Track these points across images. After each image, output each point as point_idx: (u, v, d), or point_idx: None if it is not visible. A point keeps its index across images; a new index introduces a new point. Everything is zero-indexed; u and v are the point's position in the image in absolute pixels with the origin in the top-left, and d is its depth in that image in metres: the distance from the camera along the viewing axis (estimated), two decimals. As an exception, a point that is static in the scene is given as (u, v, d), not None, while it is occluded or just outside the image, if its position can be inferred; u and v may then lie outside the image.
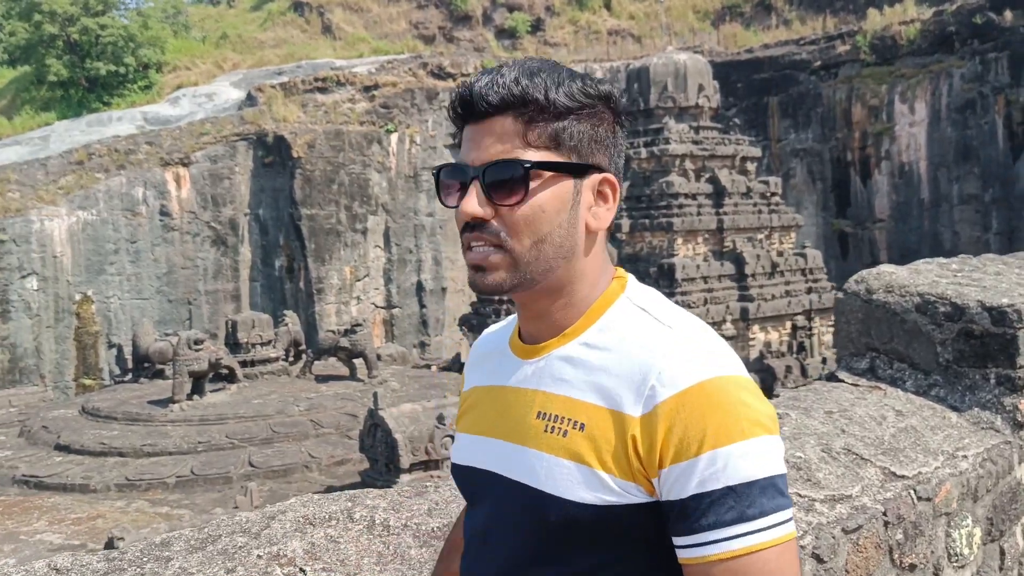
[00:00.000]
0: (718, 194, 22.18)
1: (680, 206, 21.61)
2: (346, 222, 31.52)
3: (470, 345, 20.94)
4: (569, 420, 1.22)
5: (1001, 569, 2.56)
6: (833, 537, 1.98)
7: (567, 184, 1.26)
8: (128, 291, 28.56)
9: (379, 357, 19.14)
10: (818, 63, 33.33)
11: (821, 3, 37.73)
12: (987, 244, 29.37)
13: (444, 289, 33.90)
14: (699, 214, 21.75)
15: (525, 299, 1.32)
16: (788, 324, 22.39)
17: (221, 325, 28.68)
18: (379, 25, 39.06)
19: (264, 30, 38.78)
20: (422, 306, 33.64)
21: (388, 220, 32.84)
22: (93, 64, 33.31)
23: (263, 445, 14.51)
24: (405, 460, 11.98)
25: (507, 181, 1.23)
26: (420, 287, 33.52)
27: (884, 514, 2.12)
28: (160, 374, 19.59)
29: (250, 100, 32.34)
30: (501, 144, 1.24)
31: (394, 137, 32.90)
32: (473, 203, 1.24)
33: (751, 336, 21.61)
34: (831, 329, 23.66)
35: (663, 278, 21.19)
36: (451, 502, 1.99)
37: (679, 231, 21.36)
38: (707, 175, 22.61)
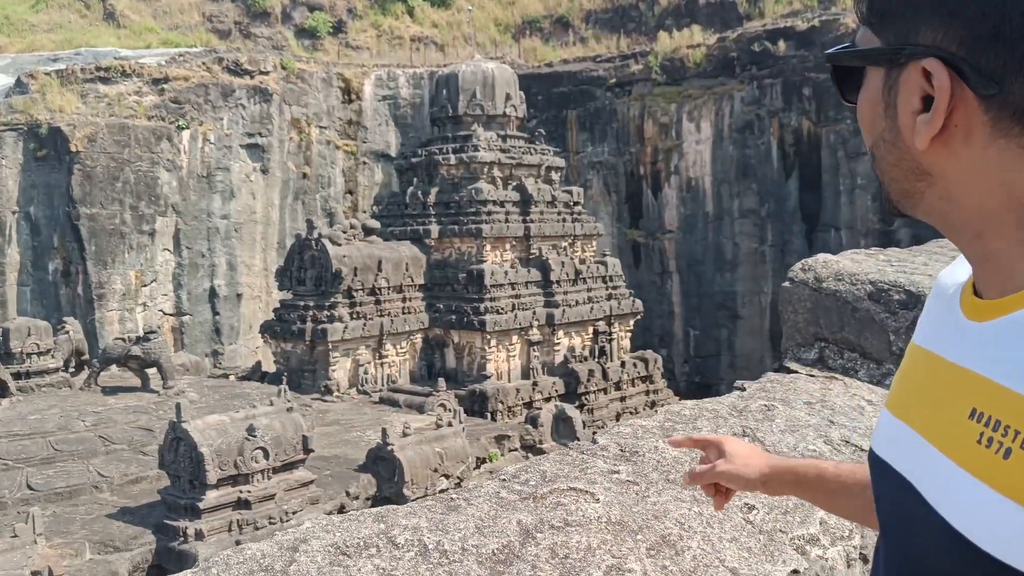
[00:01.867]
0: (525, 202, 22.58)
1: (488, 213, 21.80)
2: (131, 223, 29.37)
3: (272, 354, 20.03)
4: (1013, 431, 0.79)
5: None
6: (872, 535, 1.84)
7: (876, 77, 0.91)
8: None
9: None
10: (613, 80, 34.84)
11: (615, 24, 39.51)
12: (763, 255, 31.87)
13: (239, 295, 32.39)
14: (507, 221, 22.04)
15: (942, 231, 0.95)
16: (590, 329, 23.14)
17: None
18: (169, 16, 36.81)
19: (36, 12, 35.48)
20: (215, 313, 31.96)
21: (179, 222, 30.96)
22: None
23: (43, 465, 13.10)
24: (212, 475, 11.20)
25: (833, 77, 0.98)
26: (213, 293, 31.83)
27: None
28: (-87, 389, 17.27)
29: (19, 87, 29.42)
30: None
31: (186, 134, 31.08)
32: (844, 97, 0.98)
33: (556, 341, 22.14)
34: (629, 334, 24.77)
35: (472, 284, 21.28)
36: (496, 516, 1.67)
37: (488, 237, 21.53)
38: (514, 183, 22.97)
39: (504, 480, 1.77)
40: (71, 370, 18.09)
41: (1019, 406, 0.79)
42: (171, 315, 30.64)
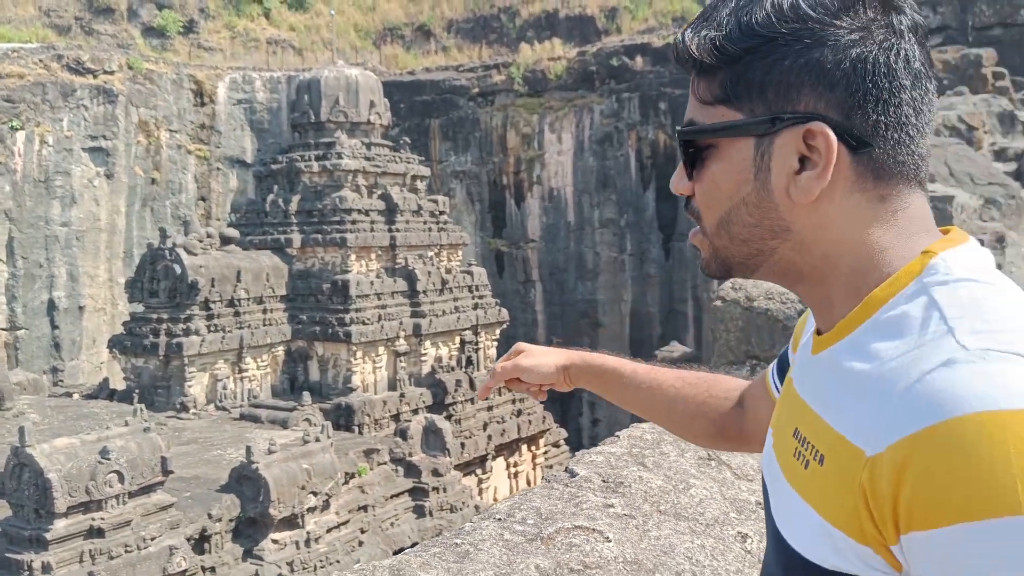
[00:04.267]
0: (390, 211, 22.28)
1: (353, 222, 21.36)
2: (-41, 230, 27.15)
3: (122, 369, 18.89)
4: (813, 447, 0.92)
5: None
6: None
7: (743, 147, 0.96)
8: None
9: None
10: (476, 90, 35.01)
11: (478, 34, 39.75)
12: (623, 264, 32.75)
13: (81, 308, 30.52)
14: (372, 230, 21.67)
15: (778, 283, 1.07)
16: (457, 339, 23.05)
17: None
18: (1, 9, 34.28)
19: None
20: (54, 327, 29.98)
21: (12, 229, 28.89)
22: None
23: None
24: (61, 503, 10.39)
25: (686, 153, 1.01)
26: (52, 305, 29.85)
27: None
28: None
29: None
30: (689, 107, 1.02)
31: (21, 135, 29.07)
32: (673, 180, 1.04)
33: (423, 351, 21.92)
34: (495, 342, 24.82)
35: (336, 295, 20.78)
36: (511, 563, 1.50)
37: (352, 247, 21.09)
38: (379, 192, 22.62)
39: (500, 519, 1.63)
40: None
41: (818, 426, 0.92)
42: (3, 330, 28.50)
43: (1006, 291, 0.89)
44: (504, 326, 24.97)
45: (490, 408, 22.64)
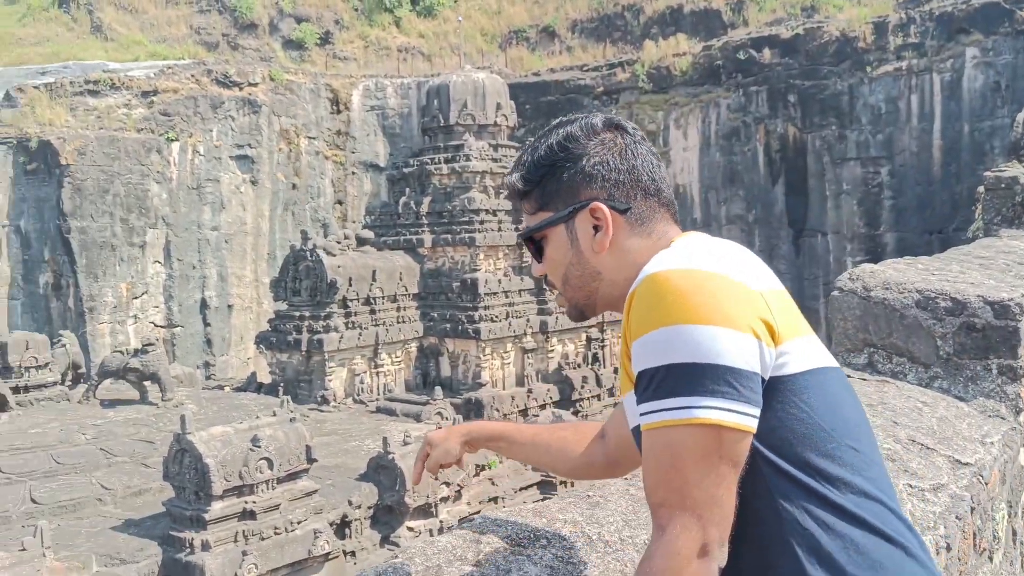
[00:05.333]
0: (516, 210, 22.72)
1: (482, 222, 21.96)
2: (122, 235, 29.37)
3: (268, 364, 20.00)
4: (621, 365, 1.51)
5: (1015, 548, 2.74)
6: (953, 525, 2.02)
7: (559, 231, 1.52)
8: None
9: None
10: (600, 89, 35.12)
11: (601, 33, 39.81)
12: (751, 260, 32.16)
13: (230, 306, 32.40)
14: (500, 230, 22.21)
15: (613, 310, 1.56)
16: (583, 336, 23.32)
17: (-25, 349, 25.75)
18: (156, 28, 36.81)
19: (23, 26, 35.41)
20: (206, 324, 31.96)
21: (169, 234, 30.97)
22: None
23: (46, 479, 13.13)
24: (218, 486, 11.28)
25: (530, 248, 1.58)
26: (204, 304, 31.83)
27: (971, 500, 2.19)
28: (-91, 405, 17.23)
29: (8, 101, 29.39)
30: (528, 216, 1.58)
31: (175, 146, 31.12)
32: (534, 268, 1.61)
33: (550, 348, 22.30)
34: (621, 340, 24.95)
35: (466, 293, 21.43)
36: (636, 511, 1.84)
37: (481, 246, 21.69)
38: (506, 192, 23.12)
39: (627, 478, 1.99)
40: (68, 383, 18.12)
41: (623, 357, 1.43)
42: (162, 327, 30.61)
43: (679, 249, 1.41)
44: (630, 323, 25.07)
45: (616, 405, 22.79)
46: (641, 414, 1.28)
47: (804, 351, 1.36)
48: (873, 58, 29.64)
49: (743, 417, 1.24)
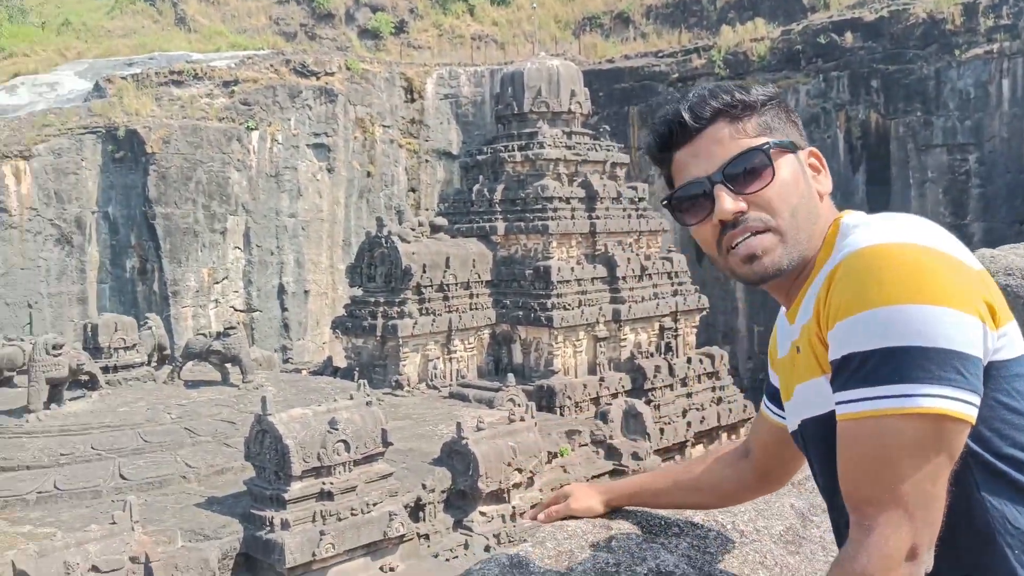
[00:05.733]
0: (591, 198, 22.64)
1: (555, 209, 21.91)
2: (204, 222, 30.18)
3: (344, 349, 20.33)
4: (793, 347, 1.45)
5: None
6: None
7: (793, 158, 1.43)
8: (-40, 294, 26.23)
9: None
10: (675, 75, 34.65)
11: (676, 18, 39.27)
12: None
13: (307, 292, 33.04)
14: (573, 217, 22.14)
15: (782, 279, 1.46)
16: (656, 325, 23.12)
17: (66, 329, 26.81)
18: (237, 19, 37.65)
19: (111, 19, 36.61)
20: (284, 309, 32.66)
21: (248, 220, 31.70)
22: (-84, 45, 30.44)
23: (134, 455, 13.60)
24: (297, 467, 11.52)
25: (753, 169, 1.39)
26: (282, 290, 32.53)
27: None
28: (7, 382, 18.02)
29: (98, 91, 30.42)
30: (726, 145, 1.40)
31: (255, 135, 31.80)
32: (727, 204, 1.38)
33: (622, 337, 22.17)
34: (695, 330, 24.67)
35: (539, 280, 21.43)
36: (770, 501, 1.81)
37: (554, 234, 21.65)
38: (579, 179, 23.04)
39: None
40: (154, 364, 18.72)
41: (798, 339, 1.40)
42: (241, 311, 31.39)
43: (883, 222, 1.33)
44: (704, 313, 24.77)
45: (689, 395, 22.59)
46: (844, 402, 1.19)
47: (1017, 335, 1.27)
48: (962, 41, 28.58)
49: (967, 406, 1.15)
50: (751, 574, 1.51)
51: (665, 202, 1.46)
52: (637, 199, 23.84)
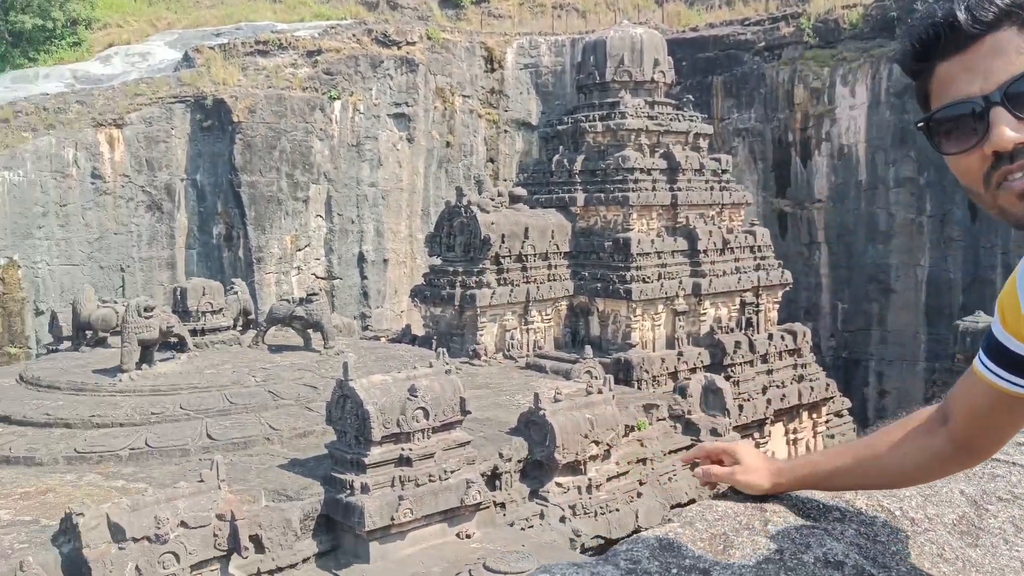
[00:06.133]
0: (672, 170, 22.24)
1: (636, 181, 21.59)
2: (287, 190, 30.72)
3: (422, 317, 20.53)
4: None
5: None
6: None
7: None
8: (57, 256, 27.30)
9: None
10: (762, 44, 33.68)
11: (764, -16, 38.10)
12: (920, 226, 30.32)
13: (386, 260, 33.41)
14: (654, 189, 21.79)
15: None
16: (737, 300, 22.68)
17: (156, 293, 27.71)
18: (321, -11, 37.97)
19: (200, -11, 37.33)
20: (363, 277, 33.12)
21: (330, 189, 32.13)
22: (18, 17, 31.54)
23: (220, 416, 13.98)
24: (377, 432, 11.66)
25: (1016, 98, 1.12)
26: (362, 258, 32.96)
27: None
28: (102, 342, 18.76)
29: (187, 61, 31.11)
30: (1011, 58, 1.13)
31: (337, 104, 32.13)
32: (1007, 131, 1.13)
33: (702, 311, 21.82)
34: (777, 305, 24.12)
35: (618, 252, 21.20)
36: (938, 488, 1.67)
37: (634, 206, 21.35)
38: (661, 151, 22.64)
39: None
40: (239, 328, 19.20)
41: None
42: (323, 278, 31.95)
43: None
44: (787, 288, 24.19)
45: (770, 372, 22.15)
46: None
47: None
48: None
49: None
50: (931, 568, 1.38)
51: (920, 124, 1.23)
52: (720, 171, 23.32)
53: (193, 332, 17.05)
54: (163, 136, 29.06)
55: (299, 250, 31.25)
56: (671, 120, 22.95)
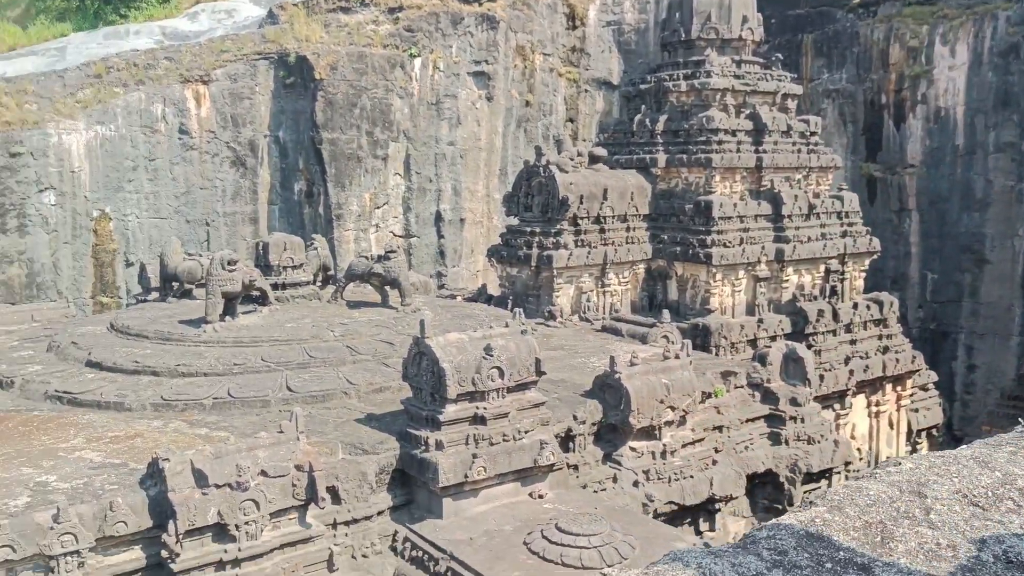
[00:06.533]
0: (758, 131, 21.58)
1: (719, 142, 21.03)
2: (367, 148, 30.89)
3: (498, 277, 20.53)
4: None
5: None
6: None
7: None
8: (146, 209, 28.09)
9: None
10: (856, 1, 32.31)
11: (861, -62, 36.41)
12: (1020, 194, 28.90)
13: (463, 220, 33.43)
14: (738, 151, 21.19)
15: None
16: (822, 267, 22.02)
17: (239, 247, 28.32)
18: (403, -56, 37.70)
19: (284, -55, 37.45)
20: (440, 236, 33.23)
21: (409, 147, 32.19)
22: (110, -26, 32.26)
23: (299, 369, 14.24)
24: (452, 390, 11.71)
25: None
26: (439, 217, 33.04)
27: None
28: (188, 294, 19.28)
29: (271, 18, 31.39)
30: None
31: (417, 62, 32.04)
32: None
33: (784, 278, 21.26)
34: (863, 274, 23.34)
35: (698, 216, 20.75)
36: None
37: (717, 168, 20.82)
38: (747, 111, 21.97)
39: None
40: (318, 284, 19.49)
41: None
42: (400, 236, 32.17)
43: None
44: (874, 257, 23.37)
45: (853, 342, 21.51)
46: None
47: None
48: None
49: None
50: None
51: None
52: (808, 133, 22.54)
53: (274, 286, 17.37)
54: (247, 92, 29.47)
55: (377, 208, 31.49)
56: (758, 80, 22.22)
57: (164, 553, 9.79)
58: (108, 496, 9.93)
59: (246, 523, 10.08)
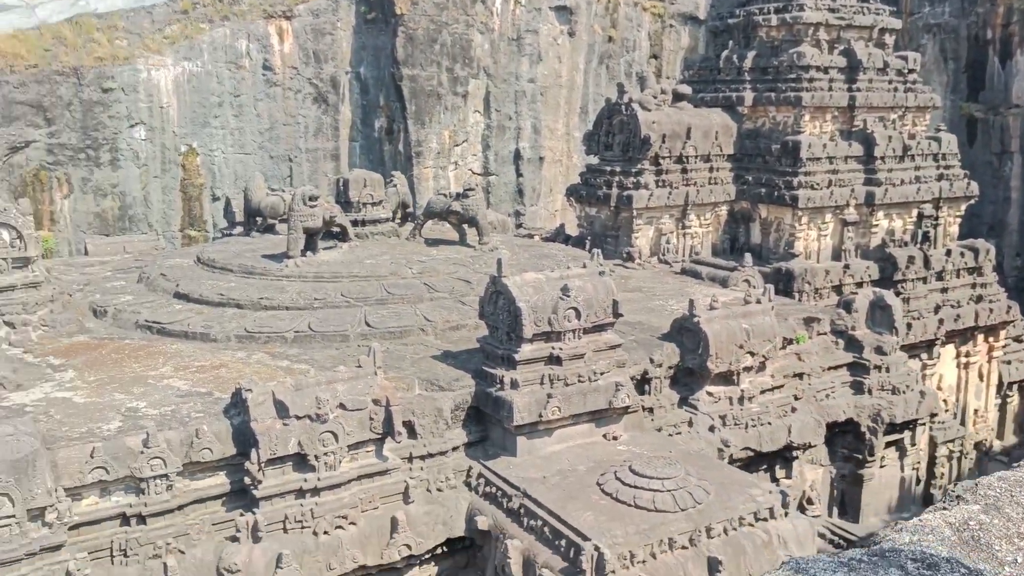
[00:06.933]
0: (852, 68, 20.62)
1: (810, 79, 20.18)
2: (447, 85, 30.72)
3: (576, 217, 20.30)
4: None
5: None
6: None
7: None
8: (231, 145, 28.60)
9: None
10: (965, -72, 30.41)
11: None
12: None
13: (542, 158, 33.15)
14: (830, 89, 20.32)
15: None
16: (914, 212, 21.15)
17: (321, 183, 28.66)
18: None
19: None
20: (519, 175, 33.06)
21: (489, 84, 31.91)
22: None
23: (378, 305, 14.41)
24: (528, 330, 11.68)
25: None
26: (518, 155, 32.83)
27: None
28: (270, 228, 19.64)
29: (353, -49, 31.18)
30: None
31: (499, -4, 31.54)
32: None
33: (874, 222, 20.49)
34: (958, 220, 22.33)
35: (785, 156, 20.07)
36: None
37: (807, 106, 20.02)
38: (841, 47, 20.99)
39: None
40: (397, 220, 19.61)
41: None
42: (479, 175, 32.11)
43: None
44: (971, 202, 22.30)
45: (944, 291, 20.69)
46: None
47: None
48: None
49: None
50: None
51: None
52: (906, 70, 21.44)
53: (354, 222, 17.53)
54: (329, 28, 29.50)
55: (456, 145, 31.42)
56: (854, 13, 21.16)
57: (247, 480, 10.11)
58: (194, 423, 10.27)
59: (325, 454, 10.32)
